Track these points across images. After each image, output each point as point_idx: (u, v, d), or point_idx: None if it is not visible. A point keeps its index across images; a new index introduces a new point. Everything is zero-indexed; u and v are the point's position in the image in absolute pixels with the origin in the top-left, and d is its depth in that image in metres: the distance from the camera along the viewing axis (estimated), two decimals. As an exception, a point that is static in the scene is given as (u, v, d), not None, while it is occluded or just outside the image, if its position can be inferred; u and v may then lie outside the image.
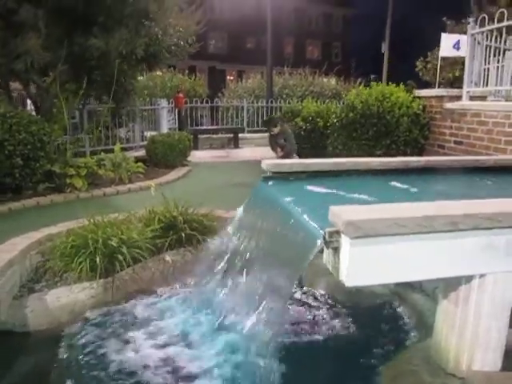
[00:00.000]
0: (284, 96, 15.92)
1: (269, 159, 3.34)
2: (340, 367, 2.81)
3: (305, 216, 2.21)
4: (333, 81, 19.03)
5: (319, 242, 1.86)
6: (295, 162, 3.29)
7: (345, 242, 1.73)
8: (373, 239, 1.72)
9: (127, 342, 3.12)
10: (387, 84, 6.99)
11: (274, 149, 7.01)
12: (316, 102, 9.28)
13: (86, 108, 8.79)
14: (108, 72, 7.85)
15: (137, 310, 3.53)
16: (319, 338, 3.16)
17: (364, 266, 1.76)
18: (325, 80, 18.63)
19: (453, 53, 7.36)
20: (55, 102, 7.28)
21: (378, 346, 2.98)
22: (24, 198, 5.92)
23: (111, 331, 3.28)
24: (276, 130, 6.87)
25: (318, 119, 8.08)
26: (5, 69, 6.32)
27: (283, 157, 6.74)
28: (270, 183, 3.05)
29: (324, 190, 2.99)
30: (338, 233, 1.77)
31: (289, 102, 12.44)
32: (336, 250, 1.80)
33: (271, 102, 15.06)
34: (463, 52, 6.82)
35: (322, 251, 1.92)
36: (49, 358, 3.02)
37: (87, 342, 3.14)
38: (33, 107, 7.82)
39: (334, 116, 7.11)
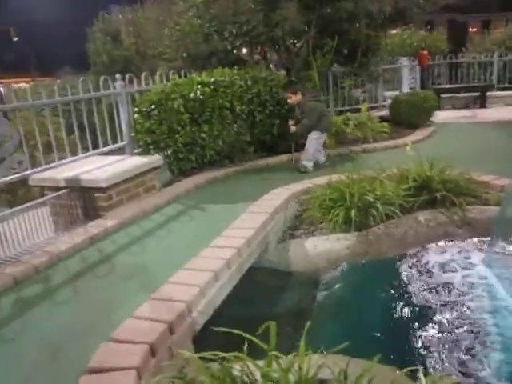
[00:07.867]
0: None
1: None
2: None
3: None
4: None
5: None
6: None
7: None
8: None
9: (392, 294, 3.24)
10: None
11: None
12: None
13: (331, 70, 9.05)
14: (354, 34, 7.92)
15: (394, 263, 3.61)
16: None
17: None
18: None
19: None
20: (304, 66, 7.72)
21: None
22: (276, 155, 6.48)
23: (367, 281, 3.47)
24: (293, 99, 5.85)
25: None
26: (265, 37, 6.96)
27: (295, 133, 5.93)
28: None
29: None
30: None
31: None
32: None
33: (530, 53, 13.11)
34: None
35: None
36: (309, 297, 3.36)
37: (344, 288, 3.38)
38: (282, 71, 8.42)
39: None
